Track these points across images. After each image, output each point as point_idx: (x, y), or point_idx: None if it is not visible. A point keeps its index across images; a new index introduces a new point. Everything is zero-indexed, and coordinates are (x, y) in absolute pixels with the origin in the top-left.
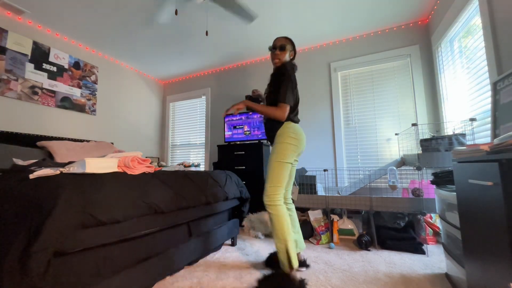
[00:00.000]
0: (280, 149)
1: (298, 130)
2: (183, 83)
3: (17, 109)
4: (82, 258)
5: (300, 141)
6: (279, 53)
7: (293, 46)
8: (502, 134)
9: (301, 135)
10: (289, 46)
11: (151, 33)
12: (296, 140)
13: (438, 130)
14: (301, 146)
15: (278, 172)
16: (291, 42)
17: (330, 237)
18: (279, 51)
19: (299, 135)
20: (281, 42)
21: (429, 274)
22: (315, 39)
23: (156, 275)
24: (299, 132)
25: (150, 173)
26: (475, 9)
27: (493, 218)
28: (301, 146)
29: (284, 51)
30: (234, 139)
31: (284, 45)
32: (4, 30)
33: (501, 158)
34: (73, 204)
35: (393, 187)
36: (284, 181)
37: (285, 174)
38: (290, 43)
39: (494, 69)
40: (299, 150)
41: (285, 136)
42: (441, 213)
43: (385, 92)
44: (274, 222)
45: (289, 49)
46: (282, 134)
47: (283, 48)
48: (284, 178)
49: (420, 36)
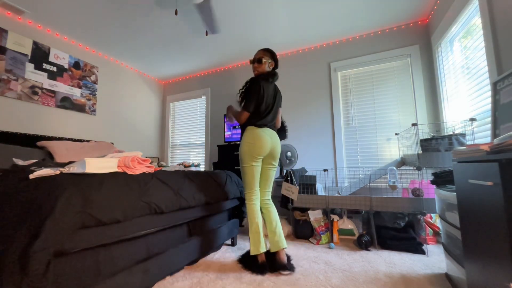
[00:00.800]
0: (240, 155)
1: (255, 134)
2: (183, 83)
3: (17, 109)
4: (82, 258)
5: (255, 145)
6: (257, 66)
7: (272, 57)
8: (502, 134)
9: (258, 139)
10: (266, 58)
11: (151, 33)
12: (251, 144)
13: (438, 130)
14: (259, 149)
15: (244, 176)
16: (269, 53)
17: (330, 237)
18: (257, 64)
19: (255, 139)
20: (259, 55)
21: (429, 274)
22: (315, 39)
23: (156, 275)
24: (256, 136)
25: (150, 173)
26: (475, 9)
27: (493, 218)
28: (259, 149)
29: (261, 64)
30: (234, 139)
31: (260, 58)
32: (4, 30)
33: (501, 158)
34: (73, 204)
35: (393, 187)
36: (252, 181)
37: (249, 176)
38: (268, 55)
39: (494, 69)
40: (257, 154)
41: (242, 141)
42: (441, 213)
43: (385, 92)
44: (247, 215)
45: (267, 60)
46: (242, 140)
47: (260, 61)
48: (250, 179)
49: (420, 36)
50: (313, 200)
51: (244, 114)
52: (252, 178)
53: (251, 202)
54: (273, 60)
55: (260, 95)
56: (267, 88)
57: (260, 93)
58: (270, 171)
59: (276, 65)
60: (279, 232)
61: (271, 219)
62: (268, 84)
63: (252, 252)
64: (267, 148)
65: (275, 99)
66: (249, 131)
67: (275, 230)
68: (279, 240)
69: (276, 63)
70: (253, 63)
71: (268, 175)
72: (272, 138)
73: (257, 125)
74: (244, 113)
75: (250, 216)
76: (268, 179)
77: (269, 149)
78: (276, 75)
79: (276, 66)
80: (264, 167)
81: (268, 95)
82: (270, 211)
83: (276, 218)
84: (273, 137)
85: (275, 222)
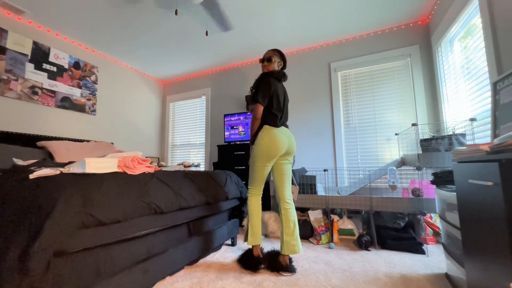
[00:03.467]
0: (253, 152)
1: (272, 135)
2: (183, 83)
3: (17, 109)
4: (82, 258)
5: (272, 147)
6: (266, 64)
7: (281, 57)
8: (502, 134)
9: (275, 140)
10: (275, 57)
11: (151, 33)
12: (268, 146)
13: (438, 130)
14: (276, 151)
15: (253, 173)
16: (279, 53)
17: (330, 237)
18: (267, 63)
19: (272, 140)
20: (269, 54)
21: (429, 274)
22: (315, 39)
23: (156, 275)
24: (273, 138)
25: (150, 173)
26: (475, 9)
27: (493, 218)
28: (276, 151)
29: (271, 62)
30: (234, 139)
31: (270, 57)
32: (4, 30)
33: (501, 158)
34: (73, 204)
35: (393, 187)
36: (259, 180)
37: (258, 175)
38: (278, 55)
39: (494, 69)
40: (273, 155)
41: (259, 141)
42: (441, 213)
43: (385, 92)
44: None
45: (277, 60)
46: (258, 139)
47: (270, 60)
48: (258, 178)
49: (420, 36)
50: (313, 200)
51: (258, 107)
52: (260, 177)
53: (251, 197)
54: (282, 60)
55: (272, 89)
56: (278, 86)
57: (271, 88)
58: (286, 165)
59: (284, 65)
60: (297, 235)
61: (289, 220)
62: (278, 83)
63: (248, 242)
64: (284, 149)
65: (285, 98)
66: (266, 130)
67: (293, 232)
68: (296, 243)
69: (284, 63)
70: (262, 62)
71: (284, 169)
72: (289, 138)
73: (274, 124)
74: (258, 106)
75: (250, 209)
76: (284, 173)
77: (285, 149)
78: (286, 75)
79: (284, 66)
80: (279, 163)
81: (279, 93)
82: (289, 213)
83: (295, 220)
84: (289, 136)
85: (293, 224)
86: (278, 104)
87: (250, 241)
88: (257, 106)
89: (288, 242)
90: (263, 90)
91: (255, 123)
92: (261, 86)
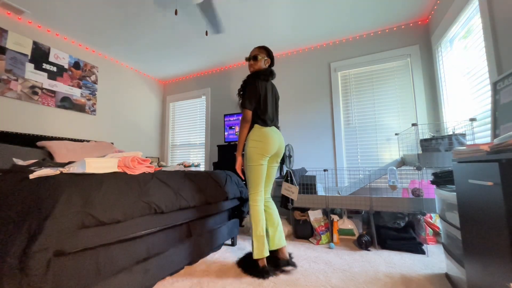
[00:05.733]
0: (247, 153)
1: (263, 132)
2: (183, 83)
3: (17, 109)
4: (82, 258)
5: (264, 143)
6: (253, 63)
7: (268, 54)
8: (502, 134)
9: (267, 137)
10: (262, 55)
11: (151, 33)
12: (259, 142)
13: (438, 130)
14: (268, 147)
15: (250, 176)
16: (265, 50)
17: (330, 237)
18: (253, 61)
19: (263, 137)
20: (254, 53)
21: (429, 274)
22: (315, 39)
23: (156, 275)
24: (264, 135)
25: (150, 173)
26: (475, 9)
27: (493, 218)
28: (268, 147)
29: (257, 61)
30: (234, 139)
31: (256, 55)
32: (4, 30)
33: (501, 158)
34: (73, 204)
35: (393, 187)
36: (259, 181)
37: (256, 176)
38: (264, 52)
39: (494, 69)
40: (266, 152)
41: (249, 140)
42: (441, 213)
43: (385, 92)
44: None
45: (263, 57)
46: (248, 139)
47: (255, 58)
48: (257, 179)
49: (420, 36)
50: (313, 200)
51: (246, 112)
52: (259, 178)
53: (255, 203)
54: (269, 57)
55: (259, 92)
56: (266, 86)
57: (259, 90)
58: (274, 169)
59: (272, 63)
60: (281, 230)
61: (272, 216)
62: (267, 82)
63: (255, 256)
64: (275, 147)
65: (275, 97)
66: (256, 129)
67: (277, 227)
68: (281, 237)
69: (272, 60)
70: (248, 61)
71: (271, 173)
72: (279, 138)
73: (264, 124)
74: (246, 111)
75: (255, 218)
76: (271, 177)
77: (276, 148)
78: (273, 72)
79: (272, 64)
80: (269, 166)
81: (268, 92)
82: (272, 208)
83: (277, 215)
84: (280, 137)
85: (277, 219)
86: (266, 106)
87: (256, 255)
88: (245, 112)
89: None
90: (249, 95)
91: (244, 128)
92: (247, 90)
